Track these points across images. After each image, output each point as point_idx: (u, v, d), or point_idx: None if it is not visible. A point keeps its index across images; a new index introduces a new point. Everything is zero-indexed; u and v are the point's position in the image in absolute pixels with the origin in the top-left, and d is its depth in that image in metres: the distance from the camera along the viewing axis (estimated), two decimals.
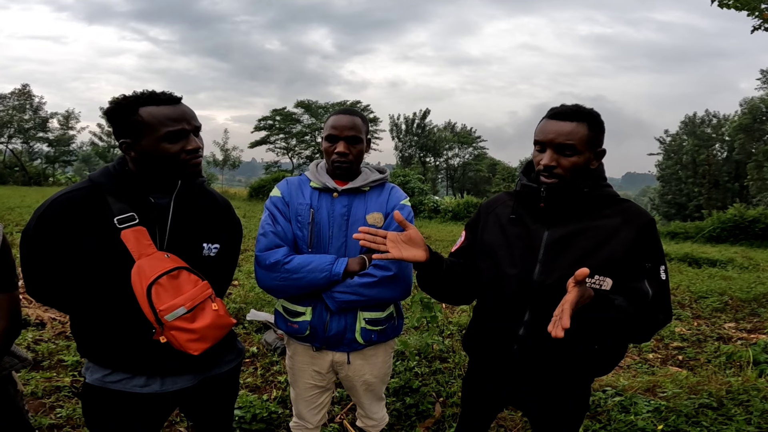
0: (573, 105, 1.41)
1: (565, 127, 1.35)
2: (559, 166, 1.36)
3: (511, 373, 1.50)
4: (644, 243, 1.36)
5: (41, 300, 1.37)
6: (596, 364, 1.46)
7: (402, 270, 1.60)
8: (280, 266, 1.56)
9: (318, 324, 1.63)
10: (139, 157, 1.30)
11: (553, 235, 1.41)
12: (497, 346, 1.49)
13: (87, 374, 1.38)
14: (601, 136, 1.41)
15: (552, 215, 1.43)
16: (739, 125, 32.77)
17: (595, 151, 1.39)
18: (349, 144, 1.62)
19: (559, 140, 1.35)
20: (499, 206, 1.56)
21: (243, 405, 2.65)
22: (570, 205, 1.41)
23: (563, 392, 1.49)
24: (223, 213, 1.53)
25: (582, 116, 1.36)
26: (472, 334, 1.62)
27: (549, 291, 1.36)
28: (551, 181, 1.38)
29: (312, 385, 1.77)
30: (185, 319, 1.28)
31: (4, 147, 35.18)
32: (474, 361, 1.67)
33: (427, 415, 2.72)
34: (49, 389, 2.77)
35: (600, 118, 1.41)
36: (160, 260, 1.29)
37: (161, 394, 1.38)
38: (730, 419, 2.63)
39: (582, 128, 1.35)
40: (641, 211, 1.42)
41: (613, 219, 1.38)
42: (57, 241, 1.26)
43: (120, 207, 1.29)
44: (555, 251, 1.39)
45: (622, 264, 1.35)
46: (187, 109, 1.34)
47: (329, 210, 1.63)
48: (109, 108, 1.32)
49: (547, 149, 1.38)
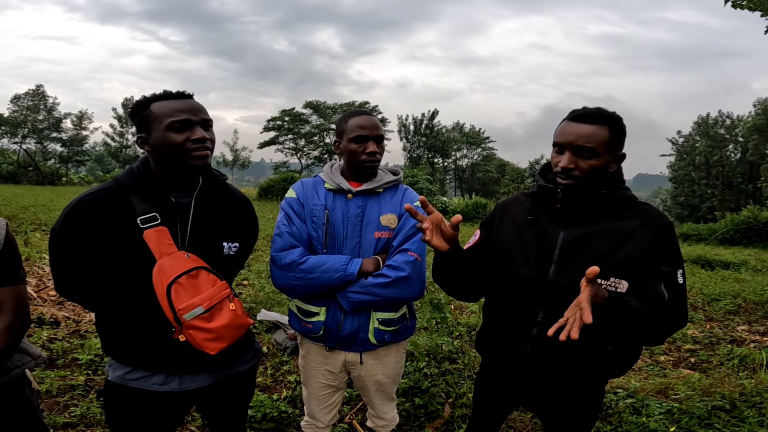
0: (595, 108, 1.39)
1: (585, 130, 1.34)
2: (576, 169, 1.36)
3: (524, 373, 1.50)
4: (662, 246, 1.35)
5: (68, 297, 1.40)
6: (610, 366, 1.45)
7: (416, 271, 1.60)
8: (296, 266, 1.58)
9: (332, 324, 1.64)
10: (152, 150, 1.34)
11: (569, 235, 1.40)
12: (510, 346, 1.49)
13: (109, 371, 1.41)
14: (622, 140, 1.39)
15: (568, 216, 1.42)
16: (753, 126, 32.29)
17: (614, 155, 1.38)
18: (377, 143, 1.65)
19: (579, 142, 1.34)
20: (515, 206, 1.56)
21: (253, 404, 2.66)
22: (586, 206, 1.40)
23: (576, 393, 1.49)
24: (243, 211, 1.55)
25: (603, 119, 1.35)
26: (484, 334, 1.62)
27: (564, 291, 1.35)
28: (567, 183, 1.37)
29: (324, 385, 1.78)
30: (203, 319, 1.30)
31: (19, 147, 35.74)
32: (486, 361, 1.67)
33: (437, 415, 2.72)
34: (64, 387, 2.79)
35: (622, 121, 1.39)
36: (181, 260, 1.32)
37: (179, 392, 1.40)
38: (743, 421, 2.60)
39: (602, 131, 1.34)
40: (660, 214, 1.40)
41: (631, 221, 1.37)
42: (82, 239, 1.29)
43: (143, 207, 1.32)
44: (570, 252, 1.38)
45: (638, 266, 1.33)
46: (195, 102, 1.37)
47: (344, 211, 1.65)
48: (130, 109, 1.40)
49: (565, 151, 1.37)
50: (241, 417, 1.66)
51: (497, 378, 1.61)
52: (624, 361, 1.46)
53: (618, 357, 1.43)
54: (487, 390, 1.66)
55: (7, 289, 1.37)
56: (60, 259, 1.34)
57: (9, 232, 1.39)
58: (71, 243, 1.31)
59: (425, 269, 1.71)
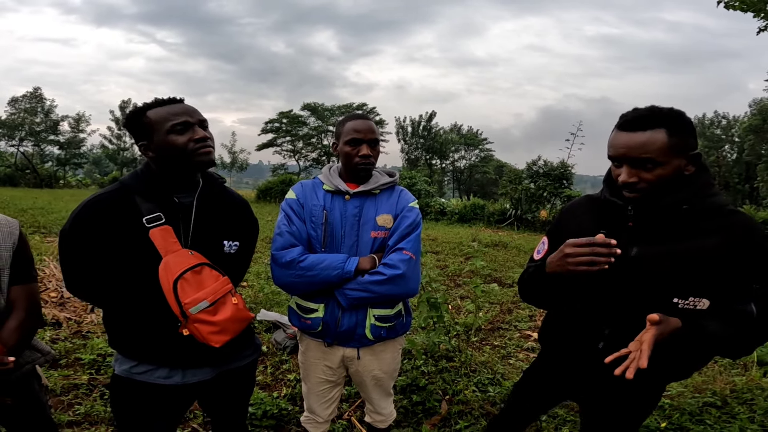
0: (646, 109, 1.21)
1: (637, 139, 1.17)
2: (641, 181, 1.20)
3: (583, 376, 1.45)
4: (751, 262, 1.20)
5: (79, 295, 1.46)
6: (676, 370, 1.38)
7: (411, 269, 1.66)
8: (295, 264, 1.63)
9: (330, 320, 1.69)
10: (157, 155, 1.40)
11: (643, 253, 1.26)
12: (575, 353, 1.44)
13: (116, 365, 1.47)
14: (689, 139, 1.19)
15: (642, 233, 1.27)
16: (749, 126, 32.47)
17: (685, 156, 1.19)
18: (371, 147, 1.71)
19: (633, 154, 1.18)
20: (581, 213, 1.44)
21: (254, 402, 2.71)
22: (663, 224, 1.24)
23: (636, 392, 1.41)
24: (242, 212, 1.62)
25: (657, 121, 1.17)
26: (551, 332, 1.57)
27: (635, 310, 1.25)
28: (634, 196, 1.23)
29: (323, 380, 1.83)
30: (208, 312, 1.36)
31: (16, 149, 35.66)
32: (547, 354, 1.62)
33: (434, 412, 2.77)
34: (67, 386, 2.84)
35: (683, 117, 1.19)
36: (185, 257, 1.38)
37: (182, 385, 1.46)
38: (734, 417, 2.65)
39: (659, 135, 1.16)
40: (747, 227, 1.21)
41: (712, 238, 1.20)
42: (91, 239, 1.35)
43: (148, 207, 1.38)
44: (644, 270, 1.26)
45: (722, 285, 1.21)
46: (188, 105, 1.43)
47: (342, 211, 1.71)
48: (125, 120, 1.45)
49: (623, 165, 1.21)
50: (241, 411, 1.71)
51: (557, 371, 1.56)
52: (692, 365, 1.39)
53: (687, 362, 1.35)
54: (541, 382, 1.63)
55: (20, 287, 1.42)
56: (70, 259, 1.38)
57: (22, 232, 1.45)
58: (80, 243, 1.36)
59: (420, 267, 1.76)
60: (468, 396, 2.90)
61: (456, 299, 5.54)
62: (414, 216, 1.72)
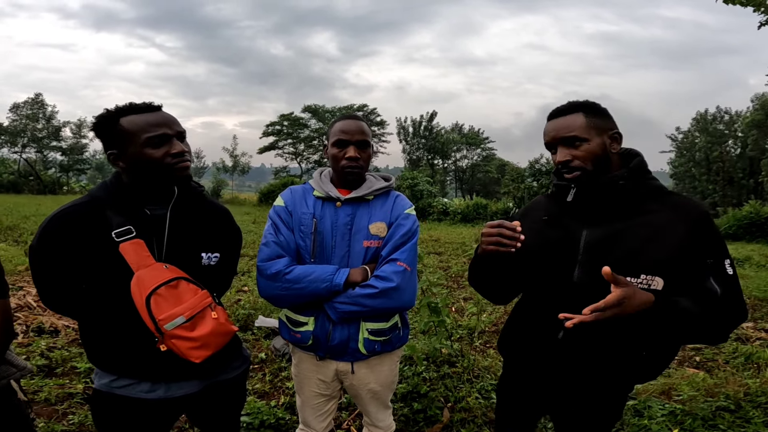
0: (567, 102, 1.41)
1: (561, 122, 1.37)
2: (574, 158, 1.34)
3: (548, 376, 1.46)
4: (701, 238, 1.27)
5: (53, 308, 1.42)
6: (642, 371, 1.39)
7: (405, 281, 1.56)
8: (281, 276, 1.55)
9: (320, 334, 1.61)
10: (128, 166, 1.34)
11: (593, 234, 1.35)
12: (535, 348, 1.46)
13: (95, 379, 1.43)
14: (606, 121, 1.37)
15: (589, 213, 1.38)
16: (751, 121, 32.27)
17: (607, 135, 1.35)
18: (359, 148, 1.62)
19: (561, 134, 1.35)
20: (534, 210, 1.55)
21: (251, 411, 2.66)
22: (607, 201, 1.34)
23: (599, 397, 1.43)
24: (222, 222, 1.56)
25: (574, 108, 1.37)
26: (509, 335, 1.59)
27: (590, 293, 1.30)
28: (574, 175, 1.35)
29: (317, 393, 1.76)
30: (185, 328, 1.30)
31: (19, 156, 35.81)
32: (508, 364, 1.63)
33: (436, 420, 2.69)
34: (62, 396, 2.82)
35: (597, 105, 1.38)
36: (159, 271, 1.32)
37: (166, 399, 1.40)
38: (748, 422, 2.56)
39: (578, 117, 1.35)
40: (693, 204, 1.33)
41: (661, 214, 1.30)
42: (59, 253, 1.31)
43: (118, 220, 1.33)
44: (595, 252, 1.33)
45: (676, 262, 1.27)
46: (167, 115, 1.37)
47: (333, 219, 1.62)
48: (94, 123, 1.37)
49: (557, 147, 1.38)
50: (233, 424, 1.66)
51: (520, 382, 1.57)
52: (657, 365, 1.40)
53: (651, 361, 1.37)
54: (510, 396, 1.62)
55: None
56: (40, 273, 1.35)
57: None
58: (49, 257, 1.32)
59: (416, 279, 1.68)
60: (471, 403, 2.81)
61: (459, 301, 5.47)
62: (410, 224, 1.62)
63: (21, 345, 3.52)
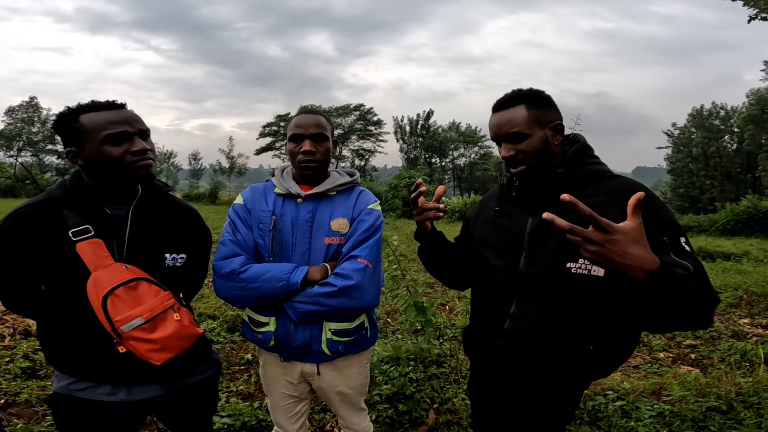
0: (510, 92, 1.38)
1: (503, 117, 1.35)
2: (519, 153, 1.34)
3: (498, 371, 1.43)
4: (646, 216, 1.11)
5: (11, 308, 1.41)
6: (592, 366, 1.34)
7: (367, 279, 1.50)
8: (236, 275, 1.49)
9: (282, 334, 1.55)
10: (87, 164, 1.32)
11: (536, 222, 1.36)
12: (484, 342, 1.44)
13: (55, 382, 1.39)
14: (548, 111, 1.35)
15: (531, 202, 1.38)
16: (747, 116, 32.33)
17: (548, 127, 1.34)
18: (315, 142, 1.56)
19: (503, 131, 1.34)
20: (491, 200, 1.56)
21: (232, 413, 2.63)
22: (544, 189, 1.35)
23: (549, 395, 1.39)
24: (189, 222, 1.53)
25: (516, 99, 1.34)
26: (467, 335, 1.58)
27: (534, 282, 1.31)
28: (519, 169, 1.36)
29: (286, 395, 1.71)
30: (144, 330, 1.28)
31: (15, 160, 35.70)
32: (472, 365, 1.61)
33: (421, 422, 2.63)
34: (43, 397, 2.80)
35: (541, 94, 1.36)
36: (118, 272, 1.30)
37: (129, 402, 1.37)
38: (740, 423, 2.48)
39: (520, 111, 1.33)
40: (628, 185, 1.27)
41: (595, 198, 1.26)
42: (13, 253, 1.29)
43: (76, 220, 1.31)
44: (538, 239, 1.34)
45: None
46: (130, 113, 1.35)
47: (293, 216, 1.56)
48: (54, 120, 1.35)
49: (501, 143, 1.37)
50: (203, 428, 1.63)
51: (481, 381, 1.54)
52: (609, 361, 1.35)
53: (601, 356, 1.32)
54: (477, 397, 1.58)
55: None
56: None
57: None
58: (4, 258, 1.31)
59: (381, 276, 1.62)
60: (457, 404, 2.75)
61: (454, 300, 5.41)
62: (372, 220, 1.56)
63: (6, 348, 3.50)
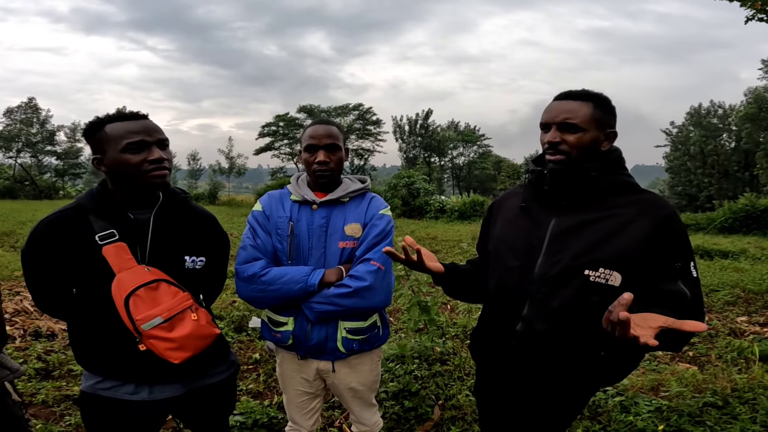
0: (581, 89, 1.36)
1: (567, 106, 1.32)
2: (563, 142, 1.31)
3: (509, 374, 1.43)
4: (667, 239, 1.24)
5: (45, 311, 1.50)
6: (603, 373, 1.36)
7: (379, 280, 1.60)
8: (257, 278, 1.59)
9: (299, 333, 1.65)
10: (109, 171, 1.40)
11: (560, 224, 1.34)
12: (495, 343, 1.44)
13: (83, 381, 1.48)
14: (610, 118, 1.34)
15: (559, 202, 1.36)
16: (745, 115, 32.39)
17: (603, 132, 1.33)
18: (328, 152, 1.65)
19: (561, 117, 1.31)
20: (511, 198, 1.53)
21: (244, 411, 2.70)
22: (576, 190, 1.33)
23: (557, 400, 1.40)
24: (207, 227, 1.61)
25: (587, 96, 1.33)
26: (475, 336, 1.59)
27: (549, 284, 1.30)
28: (557, 158, 1.32)
29: (301, 392, 1.80)
30: (163, 329, 1.34)
31: (14, 161, 35.62)
32: (478, 366, 1.62)
33: (426, 418, 2.71)
34: (59, 398, 2.87)
35: (609, 101, 1.35)
36: (140, 273, 1.37)
37: (151, 401, 1.45)
38: (735, 418, 2.56)
39: (586, 107, 1.31)
40: (661, 203, 1.30)
41: (627, 209, 1.28)
42: (47, 258, 1.38)
43: (101, 225, 1.39)
44: (559, 242, 1.32)
45: (636, 260, 1.24)
46: (151, 123, 1.43)
47: (309, 222, 1.66)
48: (83, 129, 1.45)
49: (551, 128, 1.34)
50: (221, 428, 1.69)
51: (489, 384, 1.55)
52: (620, 369, 1.37)
53: (612, 363, 1.34)
54: (485, 400, 1.60)
55: None
56: (31, 277, 1.43)
57: None
58: (38, 262, 1.40)
59: (392, 278, 1.71)
60: (461, 401, 2.83)
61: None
62: (384, 224, 1.66)
63: (19, 349, 3.57)
